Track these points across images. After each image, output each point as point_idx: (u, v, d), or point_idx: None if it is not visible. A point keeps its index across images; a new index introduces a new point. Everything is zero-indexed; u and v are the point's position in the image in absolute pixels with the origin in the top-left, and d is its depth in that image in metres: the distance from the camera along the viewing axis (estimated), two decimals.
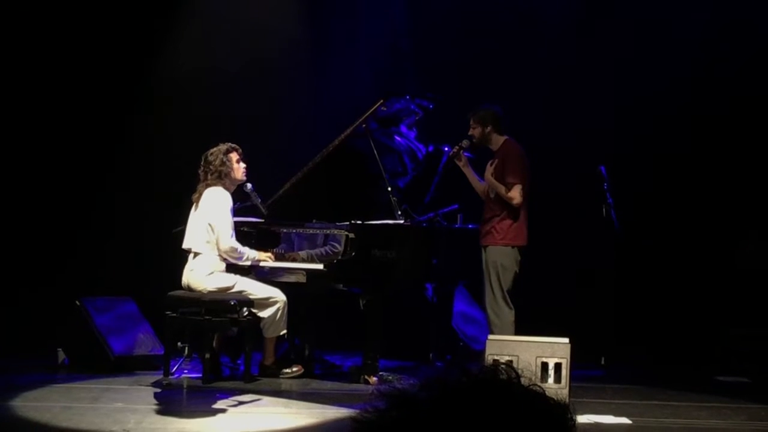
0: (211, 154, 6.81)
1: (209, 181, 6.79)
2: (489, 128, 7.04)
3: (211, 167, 6.78)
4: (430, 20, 8.80)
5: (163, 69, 8.62)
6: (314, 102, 8.77)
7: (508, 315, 6.87)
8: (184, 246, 6.84)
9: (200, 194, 6.80)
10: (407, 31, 8.86)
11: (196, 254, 6.79)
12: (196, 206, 6.83)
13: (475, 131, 7.06)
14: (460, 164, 7.09)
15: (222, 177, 6.78)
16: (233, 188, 6.89)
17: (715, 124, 8.32)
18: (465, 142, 7.06)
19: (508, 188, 6.90)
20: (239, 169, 6.86)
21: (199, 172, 6.84)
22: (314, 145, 7.26)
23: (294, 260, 7.14)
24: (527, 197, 6.96)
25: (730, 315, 8.08)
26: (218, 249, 6.76)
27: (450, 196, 7.35)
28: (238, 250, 6.78)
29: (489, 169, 7.03)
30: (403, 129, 7.33)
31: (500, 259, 6.91)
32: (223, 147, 6.83)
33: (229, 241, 6.75)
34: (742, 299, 8.10)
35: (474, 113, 7.10)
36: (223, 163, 6.77)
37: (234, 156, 6.84)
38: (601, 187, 7.46)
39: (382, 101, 6.91)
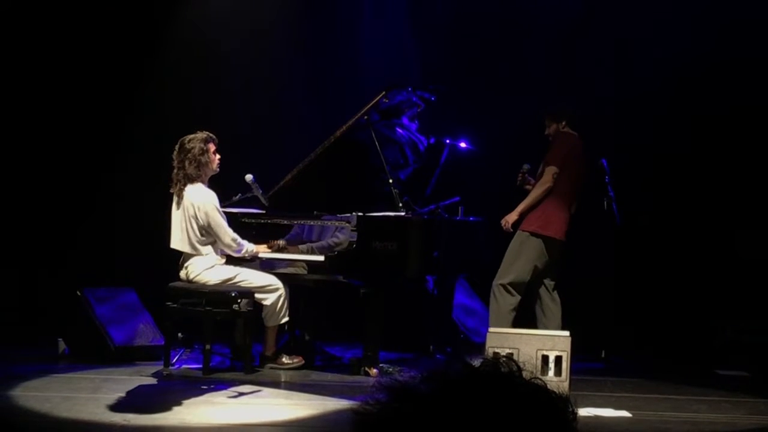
0: (189, 141, 6.67)
1: (188, 171, 6.66)
2: (563, 123, 7.01)
3: (189, 155, 6.64)
4: (432, 13, 8.79)
5: (166, 57, 8.61)
6: (316, 94, 8.75)
7: (505, 302, 6.84)
8: (175, 247, 6.78)
9: (180, 190, 6.69)
10: (410, 22, 8.84)
11: (190, 254, 6.76)
12: (178, 204, 6.74)
13: (550, 129, 7.05)
14: (530, 188, 7.09)
15: (201, 167, 6.66)
16: (207, 179, 6.79)
17: (714, 119, 8.30)
18: (525, 167, 7.06)
19: (543, 168, 6.92)
20: (215, 160, 6.77)
21: (173, 157, 6.71)
22: (316, 137, 7.24)
23: (289, 252, 7.14)
24: (567, 187, 6.93)
25: (730, 307, 8.07)
26: (220, 245, 6.76)
27: (451, 188, 7.34)
28: (238, 241, 6.77)
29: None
30: (405, 121, 7.30)
31: (521, 243, 6.91)
32: (201, 135, 6.70)
33: (229, 234, 6.74)
34: (743, 291, 8.09)
35: (548, 112, 7.06)
36: (202, 152, 6.65)
37: (212, 146, 6.73)
38: (603, 180, 7.45)
39: (384, 93, 6.89)
